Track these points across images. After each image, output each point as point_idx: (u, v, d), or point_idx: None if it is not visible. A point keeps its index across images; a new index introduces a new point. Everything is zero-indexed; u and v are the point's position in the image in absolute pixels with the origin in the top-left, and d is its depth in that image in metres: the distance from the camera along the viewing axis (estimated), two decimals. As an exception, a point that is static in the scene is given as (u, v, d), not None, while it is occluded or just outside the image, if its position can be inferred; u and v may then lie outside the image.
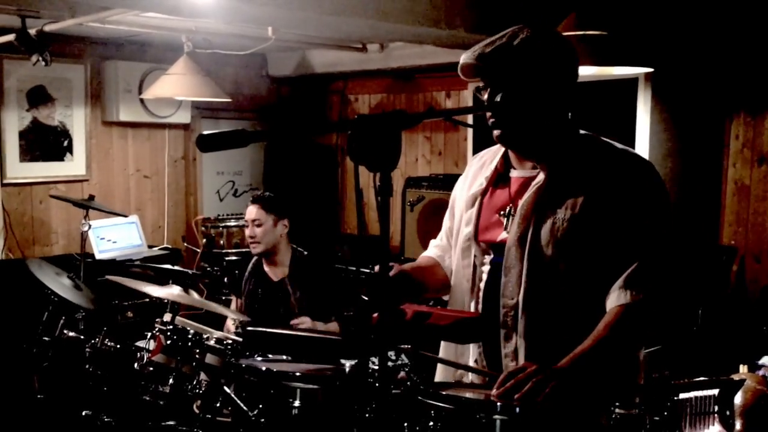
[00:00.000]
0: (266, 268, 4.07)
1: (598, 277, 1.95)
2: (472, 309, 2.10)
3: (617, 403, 1.77)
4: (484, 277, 2.08)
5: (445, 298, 2.33)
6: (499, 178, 2.12)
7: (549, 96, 1.97)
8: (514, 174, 2.09)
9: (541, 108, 1.97)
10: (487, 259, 2.08)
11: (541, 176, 2.00)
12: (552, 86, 1.97)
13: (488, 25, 4.01)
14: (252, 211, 4.01)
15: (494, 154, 2.19)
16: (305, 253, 4.09)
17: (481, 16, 4.00)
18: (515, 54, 1.92)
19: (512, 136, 2.03)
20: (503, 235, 2.04)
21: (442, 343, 2.22)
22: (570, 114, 2.06)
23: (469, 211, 2.15)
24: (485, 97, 1.98)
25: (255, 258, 4.12)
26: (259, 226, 3.98)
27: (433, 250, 2.35)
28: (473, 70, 1.99)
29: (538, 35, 1.96)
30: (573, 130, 2.06)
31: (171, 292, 3.33)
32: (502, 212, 2.06)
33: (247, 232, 4.04)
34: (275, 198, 4.09)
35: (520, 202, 2.01)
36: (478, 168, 2.22)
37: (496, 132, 2.02)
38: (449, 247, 2.30)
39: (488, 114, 2.00)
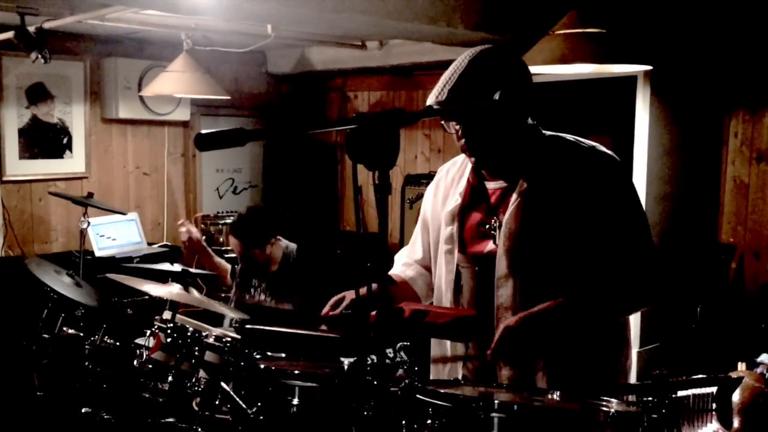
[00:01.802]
0: (260, 261, 4.11)
1: (588, 277, 1.98)
2: None
3: (612, 399, 1.78)
4: (470, 288, 2.12)
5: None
6: (475, 191, 2.14)
7: (513, 117, 2.01)
8: (490, 186, 2.12)
9: (508, 130, 2.01)
10: (473, 271, 2.11)
11: (520, 187, 2.03)
12: (513, 108, 1.99)
13: (487, 22, 4.01)
14: (235, 245, 4.01)
15: (462, 165, 2.21)
16: (295, 246, 4.09)
17: (480, 13, 4.00)
18: (475, 94, 1.95)
19: (486, 160, 2.07)
20: (490, 246, 2.07)
21: (433, 342, 2.25)
22: (531, 119, 2.09)
23: (448, 227, 2.17)
24: (452, 131, 2.04)
25: None
26: (259, 257, 4.01)
27: (401, 268, 2.37)
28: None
29: (493, 65, 1.98)
30: (537, 135, 2.09)
31: (170, 290, 3.33)
32: (486, 225, 2.09)
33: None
34: (255, 228, 3.99)
35: (505, 215, 2.04)
36: (449, 182, 2.24)
37: (471, 159, 2.07)
38: (417, 265, 2.34)
39: (461, 143, 2.05)
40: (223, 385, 2.80)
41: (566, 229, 1.98)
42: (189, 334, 3.07)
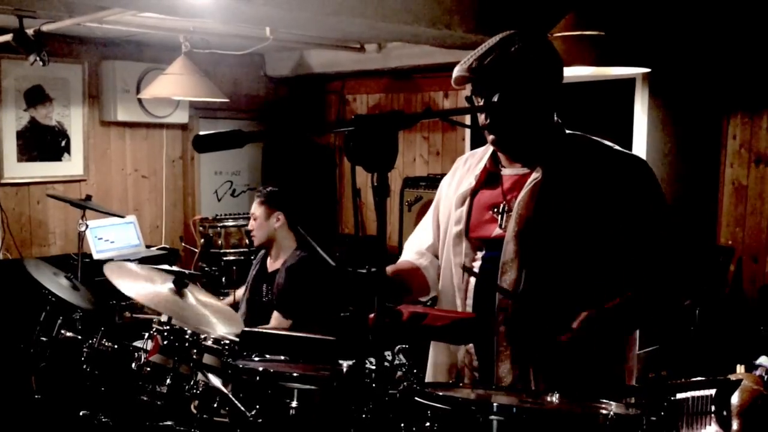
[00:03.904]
0: (268, 260, 4.13)
1: (593, 272, 1.98)
2: (462, 304, 2.14)
3: (611, 402, 1.77)
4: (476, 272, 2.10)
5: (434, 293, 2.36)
6: (490, 176, 2.16)
7: (540, 101, 2.03)
8: (506, 172, 2.13)
9: (533, 112, 2.02)
10: (479, 255, 2.12)
11: (536, 174, 2.04)
12: (542, 92, 2.02)
13: (486, 25, 4.01)
14: (252, 205, 4.16)
15: (481, 155, 2.23)
16: (304, 253, 4.08)
17: (479, 16, 4.01)
18: (508, 66, 1.97)
19: (507, 140, 2.07)
20: (497, 231, 2.08)
21: (432, 343, 2.24)
22: (556, 115, 2.11)
23: (458, 209, 2.18)
24: (479, 104, 2.03)
25: (263, 251, 4.17)
26: (255, 219, 4.09)
27: (412, 255, 2.36)
28: (467, 80, 2.02)
29: (528, 44, 2.01)
30: (560, 131, 2.11)
31: (160, 292, 3.28)
32: (495, 209, 2.10)
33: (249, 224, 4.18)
34: (274, 192, 4.16)
35: (517, 200, 2.04)
36: (465, 170, 2.26)
37: (491, 137, 2.05)
38: (429, 254, 2.33)
39: (482, 119, 2.04)
40: (222, 387, 2.80)
41: (579, 221, 1.98)
42: (187, 336, 3.07)
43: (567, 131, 2.13)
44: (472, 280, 2.11)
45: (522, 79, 1.96)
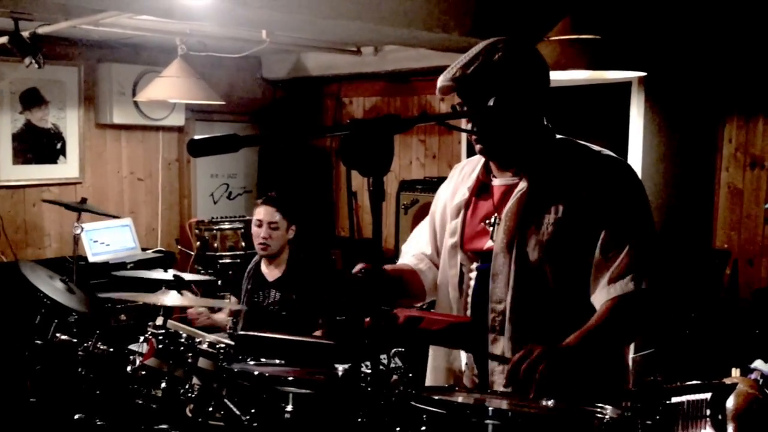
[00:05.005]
0: (264, 268, 4.09)
1: (583, 279, 1.98)
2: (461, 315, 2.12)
3: (606, 406, 1.77)
4: (472, 284, 2.11)
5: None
6: (482, 187, 2.16)
7: (526, 108, 2.01)
8: (496, 182, 2.13)
9: (519, 120, 2.01)
10: (474, 266, 2.12)
11: (523, 183, 2.04)
12: (528, 99, 2.00)
13: (482, 28, 4.01)
14: (269, 213, 3.96)
15: (475, 163, 2.23)
16: (301, 255, 4.09)
17: (475, 19, 4.01)
18: (492, 74, 1.96)
19: (494, 149, 2.07)
20: (489, 243, 2.08)
21: (432, 347, 2.24)
22: (545, 120, 2.10)
23: (453, 221, 2.18)
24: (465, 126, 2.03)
25: (256, 258, 4.14)
26: (275, 229, 3.95)
27: (411, 259, 2.36)
28: (451, 90, 2.02)
29: (511, 52, 1.99)
30: (550, 136, 2.11)
31: (170, 298, 3.33)
32: (487, 221, 2.10)
33: (260, 232, 3.97)
34: (289, 201, 4.07)
35: (505, 210, 2.05)
36: (460, 179, 2.26)
37: (478, 146, 2.06)
38: (424, 256, 2.33)
39: (470, 128, 2.03)
40: (217, 391, 2.80)
41: (564, 229, 1.97)
42: (182, 340, 3.07)
43: (558, 136, 2.12)
44: (470, 290, 2.11)
45: (506, 88, 1.95)
